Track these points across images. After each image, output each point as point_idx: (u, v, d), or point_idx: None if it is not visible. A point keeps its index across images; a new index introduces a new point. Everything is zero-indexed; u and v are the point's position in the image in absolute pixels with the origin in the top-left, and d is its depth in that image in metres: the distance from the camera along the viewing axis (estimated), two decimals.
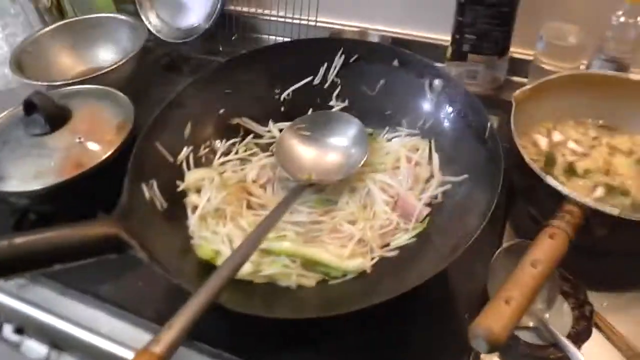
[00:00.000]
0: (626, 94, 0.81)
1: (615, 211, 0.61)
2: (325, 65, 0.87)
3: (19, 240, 0.52)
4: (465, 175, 0.72)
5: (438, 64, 0.81)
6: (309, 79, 0.88)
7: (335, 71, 0.87)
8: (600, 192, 0.74)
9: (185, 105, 0.80)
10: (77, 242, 0.55)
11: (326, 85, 0.88)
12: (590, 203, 0.62)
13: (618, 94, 0.81)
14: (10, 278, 0.57)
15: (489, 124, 0.72)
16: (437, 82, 0.81)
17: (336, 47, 0.87)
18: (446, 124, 0.80)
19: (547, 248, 0.59)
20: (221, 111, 0.85)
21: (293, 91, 0.88)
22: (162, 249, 0.63)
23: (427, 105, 0.82)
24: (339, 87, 0.88)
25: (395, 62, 0.84)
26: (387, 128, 0.85)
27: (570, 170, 0.78)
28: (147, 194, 0.69)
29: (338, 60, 0.87)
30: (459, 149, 0.77)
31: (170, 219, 0.71)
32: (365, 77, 0.86)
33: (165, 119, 0.78)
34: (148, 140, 0.74)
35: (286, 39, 1.18)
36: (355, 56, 0.86)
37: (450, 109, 0.80)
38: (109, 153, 0.79)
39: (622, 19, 0.84)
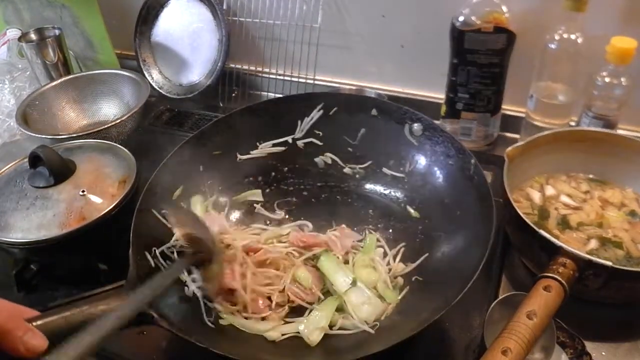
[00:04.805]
0: (615, 150, 0.84)
1: (608, 262, 0.63)
2: (306, 119, 0.90)
3: (36, 324, 0.49)
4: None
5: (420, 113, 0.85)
6: (291, 134, 0.91)
7: (311, 123, 0.90)
8: (593, 244, 0.76)
9: (175, 170, 0.82)
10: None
11: (308, 139, 0.91)
12: (584, 255, 0.64)
13: (607, 150, 0.84)
14: None
15: (472, 161, 0.74)
16: (416, 126, 0.84)
17: (316, 102, 0.90)
18: (431, 165, 0.83)
19: (542, 300, 0.60)
20: (209, 173, 0.86)
21: (275, 145, 0.91)
22: (174, 312, 0.64)
23: (410, 149, 0.85)
24: (321, 138, 0.90)
25: (374, 111, 0.87)
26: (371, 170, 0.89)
27: (564, 224, 0.79)
28: (152, 262, 0.70)
29: (316, 113, 0.89)
30: (447, 188, 0.79)
31: (176, 282, 0.71)
32: (346, 128, 0.89)
33: (158, 184, 0.78)
34: (145, 208, 0.75)
35: None
36: (335, 109, 0.89)
37: (433, 151, 0.82)
38: (111, 206, 0.80)
39: (606, 80, 0.87)
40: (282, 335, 0.69)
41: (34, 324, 0.48)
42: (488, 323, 0.66)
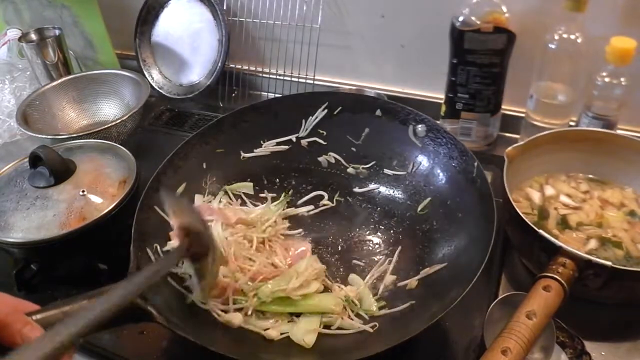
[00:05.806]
0: (614, 150, 0.84)
1: (608, 262, 0.63)
2: (310, 118, 0.91)
3: (36, 317, 0.48)
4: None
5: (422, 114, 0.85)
6: (295, 132, 0.91)
7: (315, 122, 0.90)
8: (593, 244, 0.76)
9: (178, 167, 0.82)
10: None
11: (312, 138, 0.91)
12: (583, 255, 0.64)
13: (607, 150, 0.84)
14: None
15: (475, 164, 0.75)
16: (420, 127, 0.84)
17: (320, 101, 0.90)
18: (434, 167, 0.83)
19: (541, 300, 0.60)
20: (212, 171, 0.87)
21: (279, 144, 0.91)
22: (174, 310, 0.63)
23: (413, 150, 0.85)
24: (325, 138, 0.91)
25: (378, 112, 0.87)
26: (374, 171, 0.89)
27: (564, 223, 0.79)
28: (153, 258, 0.70)
29: (320, 113, 0.90)
30: (449, 190, 0.79)
31: (176, 279, 0.71)
32: (350, 128, 0.90)
33: (161, 181, 0.79)
34: (147, 204, 0.75)
35: None
36: (339, 108, 0.89)
37: (436, 152, 0.83)
38: (111, 206, 0.80)
39: (606, 80, 0.87)
40: (281, 334, 0.69)
41: (34, 317, 0.48)
42: (488, 323, 0.66)
